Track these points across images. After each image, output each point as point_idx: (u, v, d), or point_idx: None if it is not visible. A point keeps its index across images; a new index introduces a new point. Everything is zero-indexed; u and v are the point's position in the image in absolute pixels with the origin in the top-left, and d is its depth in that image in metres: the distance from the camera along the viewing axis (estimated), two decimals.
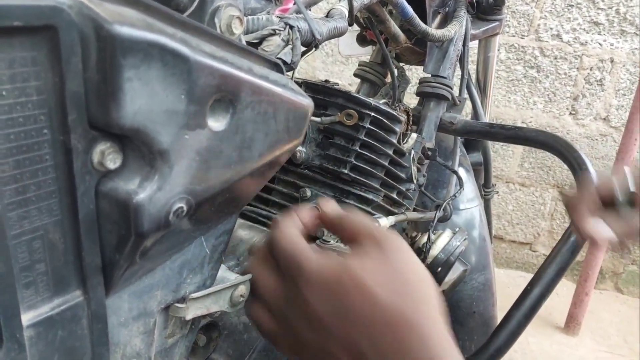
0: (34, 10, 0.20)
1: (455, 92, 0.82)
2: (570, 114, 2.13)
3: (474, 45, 0.97)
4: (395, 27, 0.72)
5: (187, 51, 0.25)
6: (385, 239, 0.35)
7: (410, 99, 1.46)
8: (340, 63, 2.19)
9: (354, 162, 0.58)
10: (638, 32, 2.01)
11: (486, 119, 1.05)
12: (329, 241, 0.50)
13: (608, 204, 0.51)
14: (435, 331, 0.31)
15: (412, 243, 0.70)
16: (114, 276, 0.28)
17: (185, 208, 0.28)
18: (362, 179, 0.59)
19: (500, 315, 0.87)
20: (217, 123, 0.28)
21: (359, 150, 0.58)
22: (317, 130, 0.60)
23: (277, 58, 0.39)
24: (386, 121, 0.60)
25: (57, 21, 0.21)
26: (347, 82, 2.17)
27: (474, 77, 1.05)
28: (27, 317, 0.25)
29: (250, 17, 0.40)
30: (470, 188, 0.96)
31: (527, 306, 0.82)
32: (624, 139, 1.76)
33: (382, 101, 0.76)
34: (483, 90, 1.06)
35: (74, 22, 0.22)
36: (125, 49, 0.22)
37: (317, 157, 0.60)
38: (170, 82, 0.25)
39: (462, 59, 0.82)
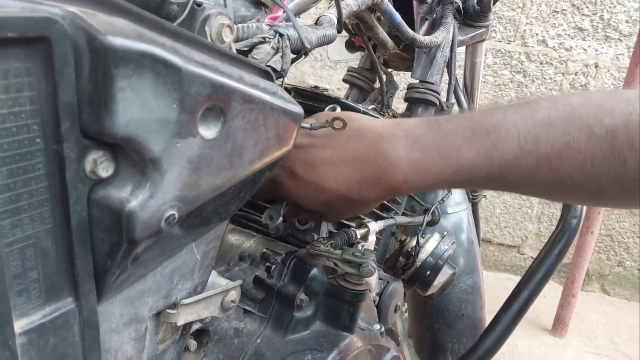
0: (28, 21, 0.20)
1: (443, 97, 0.83)
2: None
3: (461, 51, 0.98)
4: (383, 34, 0.73)
5: (178, 61, 0.25)
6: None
7: (399, 104, 1.47)
8: (329, 68, 2.20)
9: None
10: (622, 38, 2.04)
11: None
12: (319, 246, 0.51)
13: None
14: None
15: (401, 247, 0.71)
16: (106, 283, 0.28)
17: (176, 215, 0.28)
18: None
19: (488, 318, 0.88)
20: (208, 131, 0.28)
21: None
22: None
23: (267, 66, 0.40)
24: None
25: (51, 32, 0.21)
26: (336, 86, 2.18)
27: (461, 82, 1.06)
28: (19, 325, 0.25)
29: (240, 25, 0.41)
30: (458, 192, 0.97)
31: (515, 308, 0.83)
32: None
33: (370, 107, 0.77)
34: (470, 95, 1.07)
35: (67, 33, 0.22)
36: (118, 60, 0.23)
37: None
38: (162, 91, 0.25)
39: (449, 65, 0.83)
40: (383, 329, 0.56)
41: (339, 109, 0.55)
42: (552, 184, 0.43)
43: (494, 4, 0.89)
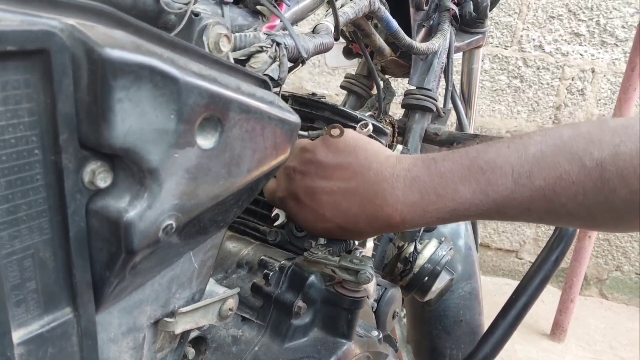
0: (27, 35, 0.21)
1: (440, 103, 0.84)
2: (553, 123, 2.17)
3: (458, 57, 0.98)
4: (380, 41, 0.74)
5: (176, 72, 0.25)
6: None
7: (397, 109, 1.47)
8: (326, 74, 2.21)
9: None
10: (618, 43, 2.05)
11: (471, 129, 1.07)
12: (317, 253, 0.51)
13: None
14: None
15: (399, 253, 0.71)
16: (104, 293, 0.28)
17: (174, 225, 0.28)
18: None
19: (486, 323, 0.88)
20: (206, 141, 0.28)
21: None
22: None
23: (265, 75, 0.40)
24: (372, 133, 0.61)
25: (50, 45, 0.22)
26: (334, 92, 2.19)
27: (458, 88, 1.07)
28: (17, 335, 0.25)
29: (237, 34, 0.41)
30: None
31: (513, 314, 0.83)
32: None
33: (368, 113, 0.77)
34: (467, 101, 1.07)
35: (66, 46, 0.22)
36: (116, 71, 0.23)
37: None
38: (160, 102, 0.25)
39: (446, 71, 0.84)
40: (381, 336, 0.56)
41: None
42: (547, 214, 0.45)
43: (490, 10, 0.90)
